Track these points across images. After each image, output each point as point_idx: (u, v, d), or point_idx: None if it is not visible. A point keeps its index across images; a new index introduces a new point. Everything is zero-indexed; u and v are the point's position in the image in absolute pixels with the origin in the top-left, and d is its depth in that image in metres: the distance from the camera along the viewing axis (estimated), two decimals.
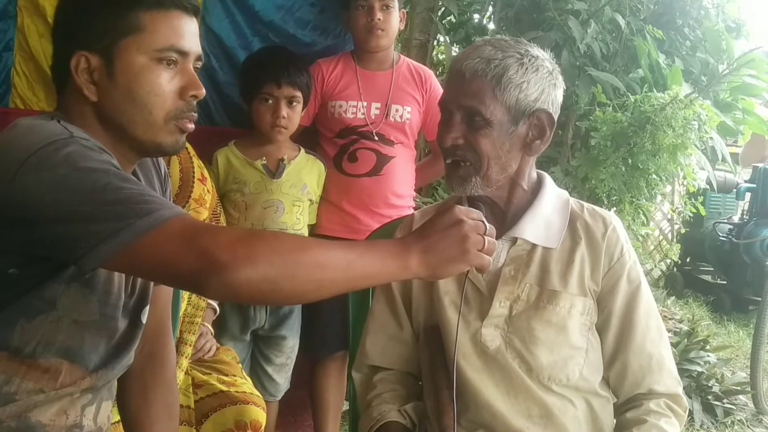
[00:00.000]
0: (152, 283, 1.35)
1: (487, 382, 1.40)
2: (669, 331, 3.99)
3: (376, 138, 2.42)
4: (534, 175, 1.48)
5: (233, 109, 2.52)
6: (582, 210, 1.48)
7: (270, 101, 2.28)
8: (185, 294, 1.95)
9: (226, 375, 2.03)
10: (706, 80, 3.42)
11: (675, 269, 6.05)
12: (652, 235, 5.85)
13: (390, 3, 2.37)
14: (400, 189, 2.49)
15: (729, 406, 3.68)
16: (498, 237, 1.28)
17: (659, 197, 4.05)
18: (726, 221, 5.78)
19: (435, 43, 3.79)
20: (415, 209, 2.38)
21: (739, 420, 3.65)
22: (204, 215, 2.11)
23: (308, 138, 2.50)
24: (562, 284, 1.41)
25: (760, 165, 5.47)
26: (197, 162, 2.16)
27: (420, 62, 2.73)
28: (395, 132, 2.45)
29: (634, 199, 3.16)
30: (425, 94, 2.49)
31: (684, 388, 1.53)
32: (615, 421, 1.47)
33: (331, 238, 2.33)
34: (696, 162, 3.22)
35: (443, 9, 3.58)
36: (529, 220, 1.44)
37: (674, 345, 3.66)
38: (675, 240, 5.57)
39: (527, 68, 1.35)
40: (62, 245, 1.03)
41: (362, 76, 2.45)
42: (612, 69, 3.36)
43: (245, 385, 2.00)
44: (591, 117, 3.22)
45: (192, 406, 1.89)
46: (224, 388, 1.94)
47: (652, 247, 5.95)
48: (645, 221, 3.42)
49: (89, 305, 1.19)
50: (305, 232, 2.38)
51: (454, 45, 3.96)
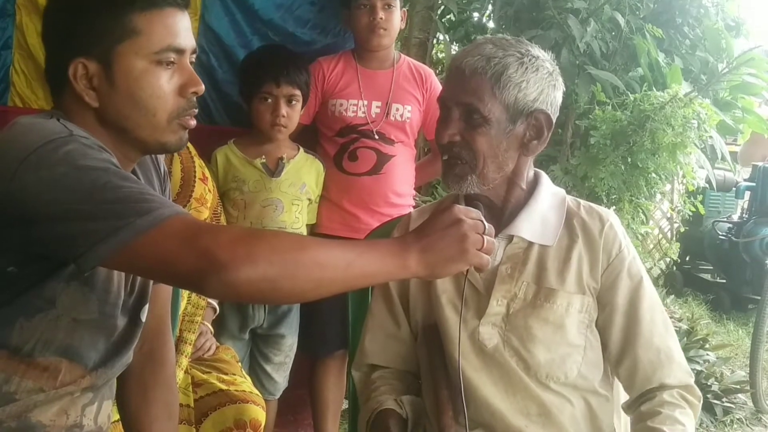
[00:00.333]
0: (152, 282, 1.35)
1: (485, 381, 1.40)
2: None
3: (377, 137, 2.42)
4: (531, 174, 1.48)
5: (233, 108, 2.51)
6: (579, 208, 1.48)
7: (269, 100, 2.28)
8: (185, 293, 1.95)
9: (226, 374, 2.03)
10: (706, 79, 3.41)
11: (674, 268, 6.04)
12: (652, 234, 5.83)
13: (391, 2, 2.36)
14: (401, 188, 2.49)
15: (728, 405, 3.68)
16: (494, 235, 1.28)
17: (659, 196, 4.04)
18: (725, 220, 5.77)
19: (435, 42, 3.79)
20: (415, 208, 2.38)
21: (739, 419, 3.65)
22: (205, 215, 2.11)
23: (308, 137, 2.50)
24: (560, 282, 1.41)
25: (760, 164, 5.47)
26: (198, 161, 2.16)
27: (419, 61, 2.73)
28: (395, 131, 2.45)
29: (634, 198, 3.15)
30: (425, 93, 2.49)
31: None
32: (622, 420, 1.48)
33: (332, 237, 2.33)
34: (695, 161, 3.22)
35: (443, 7, 3.58)
36: (525, 218, 1.44)
37: None
38: (674, 239, 5.55)
39: (527, 68, 1.35)
40: (61, 244, 1.03)
41: (363, 75, 2.45)
42: (611, 68, 3.35)
43: (245, 384, 2.00)
44: (590, 116, 3.21)
45: (192, 405, 1.90)
46: (224, 387, 1.94)
47: (652, 246, 5.93)
48: (644, 220, 3.42)
49: (88, 304, 1.19)
50: (304, 231, 2.38)
51: (454, 43, 3.96)
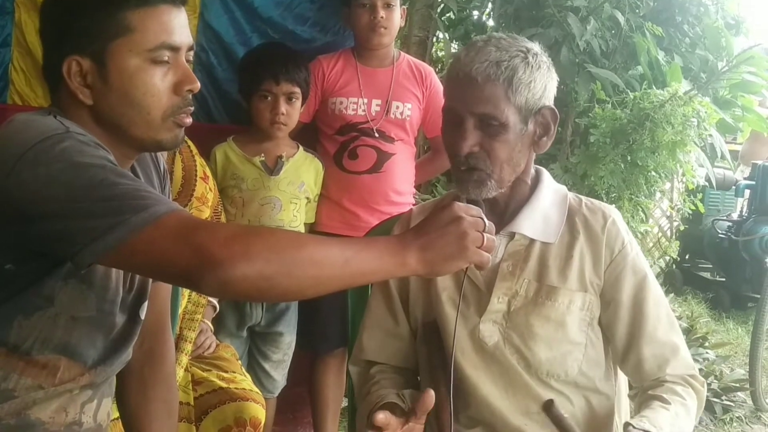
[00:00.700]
0: (151, 279, 1.34)
1: (486, 379, 1.39)
2: None
3: (377, 135, 2.42)
4: (533, 170, 1.48)
5: (232, 106, 2.51)
6: (580, 205, 1.48)
7: (269, 98, 2.28)
8: (185, 291, 1.95)
9: (226, 372, 2.03)
10: (706, 77, 3.41)
11: (674, 266, 6.04)
12: (651, 232, 5.83)
13: (392, 1, 2.36)
14: (401, 186, 2.48)
15: (728, 403, 3.68)
16: (496, 232, 1.28)
17: (658, 194, 4.03)
18: (725, 218, 5.76)
19: (434, 40, 3.78)
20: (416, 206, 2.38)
21: (738, 417, 3.65)
22: (206, 214, 2.11)
23: (308, 135, 2.50)
24: (561, 280, 1.41)
25: (759, 162, 5.46)
26: (200, 160, 2.16)
27: (419, 59, 2.72)
28: (396, 129, 2.45)
29: (633, 196, 3.15)
30: (425, 91, 2.49)
31: None
32: (623, 419, 1.47)
33: (332, 236, 2.33)
34: (695, 159, 3.21)
35: (442, 6, 3.57)
36: (527, 215, 1.43)
37: None
38: (674, 237, 5.54)
39: (532, 66, 1.34)
40: (58, 241, 1.03)
41: (363, 73, 2.44)
42: (611, 66, 3.35)
43: (245, 382, 2.00)
44: (590, 114, 3.20)
45: (191, 403, 1.89)
46: (224, 385, 1.94)
47: (651, 244, 5.93)
48: (644, 218, 3.41)
49: (87, 301, 1.19)
50: (302, 230, 2.37)
51: (454, 42, 3.95)
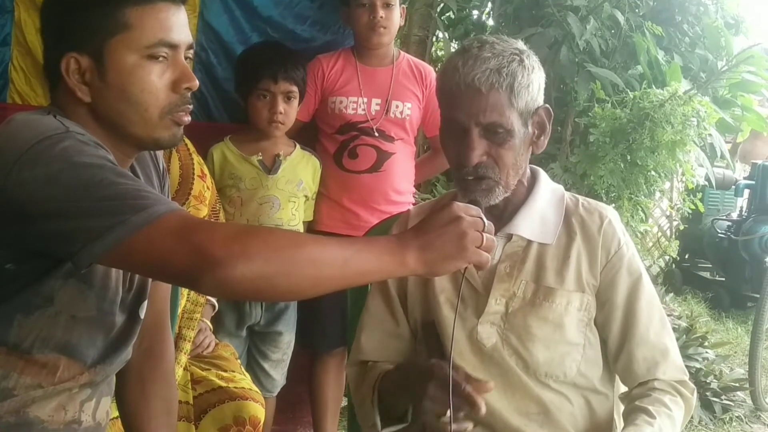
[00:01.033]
0: (150, 279, 1.34)
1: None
2: None
3: (377, 134, 2.42)
4: (528, 170, 1.48)
5: (232, 105, 2.51)
6: (577, 205, 1.48)
7: (267, 97, 2.28)
8: (184, 290, 1.95)
9: (225, 371, 2.03)
10: (705, 77, 3.41)
11: (673, 266, 6.04)
12: (651, 232, 5.84)
13: (391, 0, 2.36)
14: (401, 185, 2.49)
15: (727, 403, 3.68)
16: (494, 233, 1.28)
17: (658, 194, 4.03)
18: (725, 218, 5.76)
19: (434, 40, 3.78)
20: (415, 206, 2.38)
21: (737, 416, 3.65)
22: (204, 212, 2.11)
23: (308, 135, 2.50)
24: (559, 281, 1.41)
25: (759, 162, 5.47)
26: (197, 159, 2.16)
27: (419, 58, 2.73)
28: (395, 128, 2.45)
29: (633, 196, 3.15)
30: (425, 91, 2.49)
31: None
32: (618, 418, 1.47)
33: (331, 235, 2.33)
34: (695, 158, 3.21)
35: (442, 5, 3.57)
36: (524, 216, 1.43)
37: None
38: (673, 237, 5.55)
39: (528, 69, 1.34)
40: (58, 241, 1.03)
41: (362, 72, 2.45)
42: (611, 65, 3.35)
43: (244, 381, 2.00)
44: (590, 113, 3.20)
45: (191, 402, 1.90)
46: (223, 384, 1.94)
47: (651, 244, 5.94)
48: (643, 218, 3.41)
49: (87, 301, 1.19)
50: (300, 228, 2.37)
51: (453, 41, 3.95)
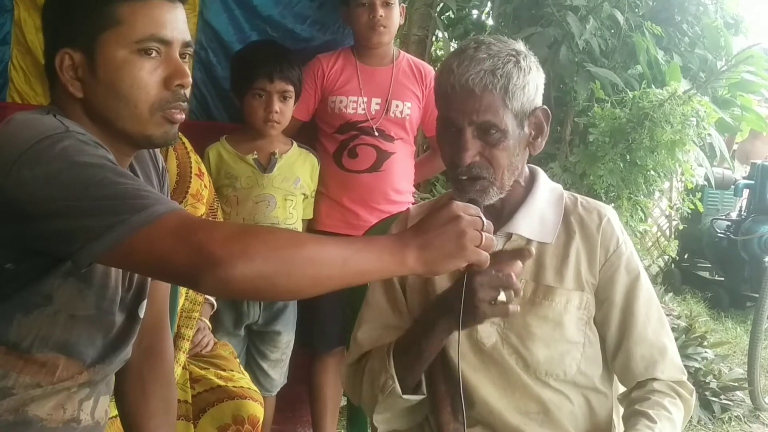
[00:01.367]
0: (150, 278, 1.34)
1: (484, 380, 1.40)
2: None
3: (377, 134, 2.42)
4: (526, 170, 1.48)
5: (232, 104, 2.51)
6: (576, 204, 1.48)
7: (262, 96, 2.27)
8: (183, 289, 1.95)
9: (224, 370, 2.03)
10: (705, 77, 3.41)
11: (673, 265, 6.04)
12: (650, 232, 5.83)
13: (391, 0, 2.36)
14: (400, 185, 2.49)
15: (726, 402, 3.68)
16: (493, 233, 1.28)
17: (657, 193, 4.03)
18: (724, 218, 5.77)
19: (434, 39, 3.78)
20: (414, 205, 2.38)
21: (737, 416, 3.65)
22: (201, 211, 2.11)
23: (307, 134, 2.50)
24: (558, 280, 1.41)
25: (759, 162, 5.47)
26: (195, 157, 2.15)
27: (419, 58, 2.73)
28: (395, 128, 2.45)
29: (632, 195, 3.15)
30: (425, 90, 2.49)
31: None
32: (617, 417, 1.47)
33: (331, 234, 2.33)
34: (694, 158, 3.21)
35: (442, 4, 3.56)
36: (524, 215, 1.43)
37: None
38: (673, 236, 5.55)
39: (524, 70, 1.34)
40: (57, 240, 1.03)
41: (362, 72, 2.45)
42: (610, 65, 3.35)
43: (243, 380, 2.00)
44: (589, 113, 3.20)
45: (189, 401, 1.90)
46: (222, 383, 1.94)
47: (650, 244, 5.94)
48: (643, 217, 3.41)
49: (86, 300, 1.19)
50: (298, 227, 2.37)
51: (453, 41, 3.95)
